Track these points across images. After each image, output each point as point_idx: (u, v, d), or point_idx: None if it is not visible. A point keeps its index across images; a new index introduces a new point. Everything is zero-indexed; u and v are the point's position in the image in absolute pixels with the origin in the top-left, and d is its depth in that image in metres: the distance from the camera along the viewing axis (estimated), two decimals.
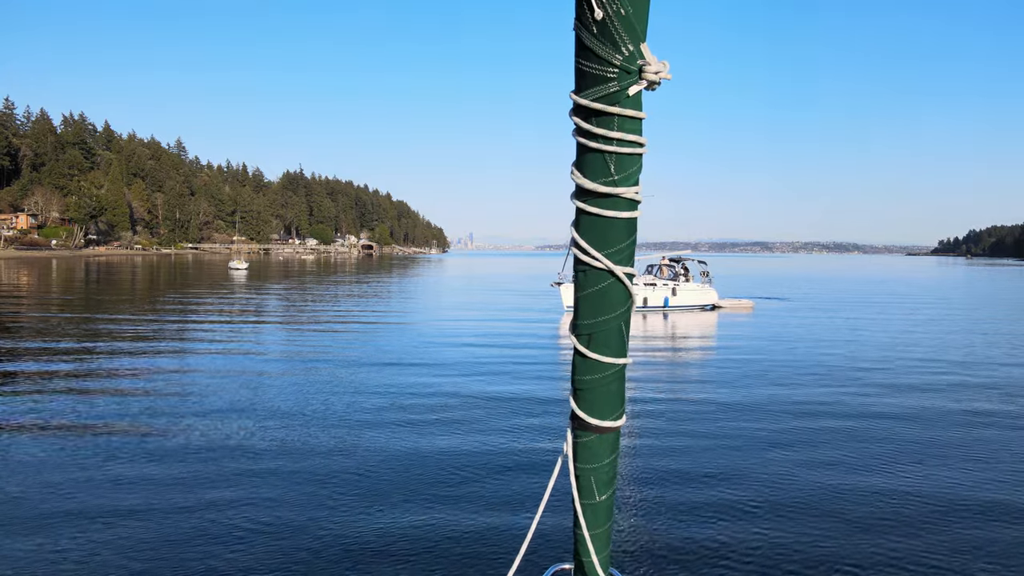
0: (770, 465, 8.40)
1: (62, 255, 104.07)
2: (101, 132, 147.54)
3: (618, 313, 1.23)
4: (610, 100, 1.11)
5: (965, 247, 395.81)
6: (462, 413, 10.81)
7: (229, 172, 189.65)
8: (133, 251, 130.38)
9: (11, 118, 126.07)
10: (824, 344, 19.86)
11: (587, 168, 1.17)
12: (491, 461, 8.38)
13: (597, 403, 1.28)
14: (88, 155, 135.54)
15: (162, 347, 17.31)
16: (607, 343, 1.25)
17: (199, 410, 10.76)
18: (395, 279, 59.61)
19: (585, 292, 1.23)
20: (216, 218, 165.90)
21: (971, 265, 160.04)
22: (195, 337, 19.61)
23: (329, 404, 11.34)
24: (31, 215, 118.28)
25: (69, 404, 10.97)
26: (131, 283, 46.38)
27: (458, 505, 6.91)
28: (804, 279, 69.44)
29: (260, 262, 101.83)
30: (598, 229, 1.19)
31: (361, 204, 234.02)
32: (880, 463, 8.56)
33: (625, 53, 1.07)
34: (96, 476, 7.56)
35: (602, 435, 1.31)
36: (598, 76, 1.10)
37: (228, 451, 8.59)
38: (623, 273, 1.20)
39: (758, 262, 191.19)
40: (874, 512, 6.94)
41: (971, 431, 10.22)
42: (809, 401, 12.15)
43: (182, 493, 7.09)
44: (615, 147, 1.13)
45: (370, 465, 8.13)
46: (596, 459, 1.32)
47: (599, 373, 1.26)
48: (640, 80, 1.10)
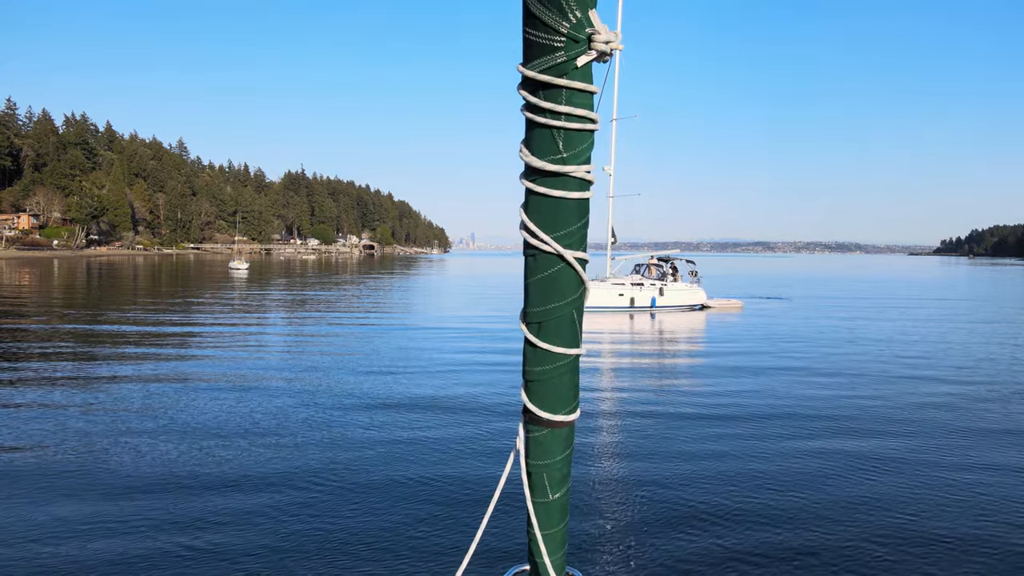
0: (748, 471, 8.40)
1: (64, 255, 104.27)
2: (103, 132, 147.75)
3: (570, 300, 1.18)
4: (557, 71, 1.05)
5: (967, 247, 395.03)
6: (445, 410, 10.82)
7: (231, 172, 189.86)
8: (134, 251, 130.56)
9: (13, 118, 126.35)
10: (810, 344, 19.88)
11: (535, 145, 1.12)
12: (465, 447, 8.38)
13: (549, 396, 1.23)
14: (90, 155, 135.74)
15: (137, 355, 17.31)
16: (558, 332, 1.19)
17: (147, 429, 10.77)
18: (396, 280, 59.66)
19: (535, 278, 1.18)
20: (217, 218, 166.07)
21: (973, 265, 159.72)
22: (169, 346, 19.62)
23: (338, 420, 11.34)
24: (33, 215, 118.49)
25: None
26: (127, 284, 46.45)
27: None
28: (801, 279, 69.39)
29: (261, 262, 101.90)
30: (547, 210, 1.13)
31: (363, 204, 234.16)
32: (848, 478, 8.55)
33: (572, 20, 1.02)
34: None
35: (555, 430, 1.25)
36: (545, 46, 1.05)
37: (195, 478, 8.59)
38: (573, 258, 1.15)
39: (760, 262, 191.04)
40: (877, 523, 6.93)
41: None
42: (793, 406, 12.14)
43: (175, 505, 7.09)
44: (564, 122, 1.08)
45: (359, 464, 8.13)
46: (548, 455, 1.27)
47: (550, 364, 1.21)
48: (589, 50, 1.05)
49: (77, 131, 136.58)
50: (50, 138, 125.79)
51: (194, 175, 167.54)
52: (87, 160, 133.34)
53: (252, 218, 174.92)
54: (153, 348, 17.21)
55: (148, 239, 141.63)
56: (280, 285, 47.20)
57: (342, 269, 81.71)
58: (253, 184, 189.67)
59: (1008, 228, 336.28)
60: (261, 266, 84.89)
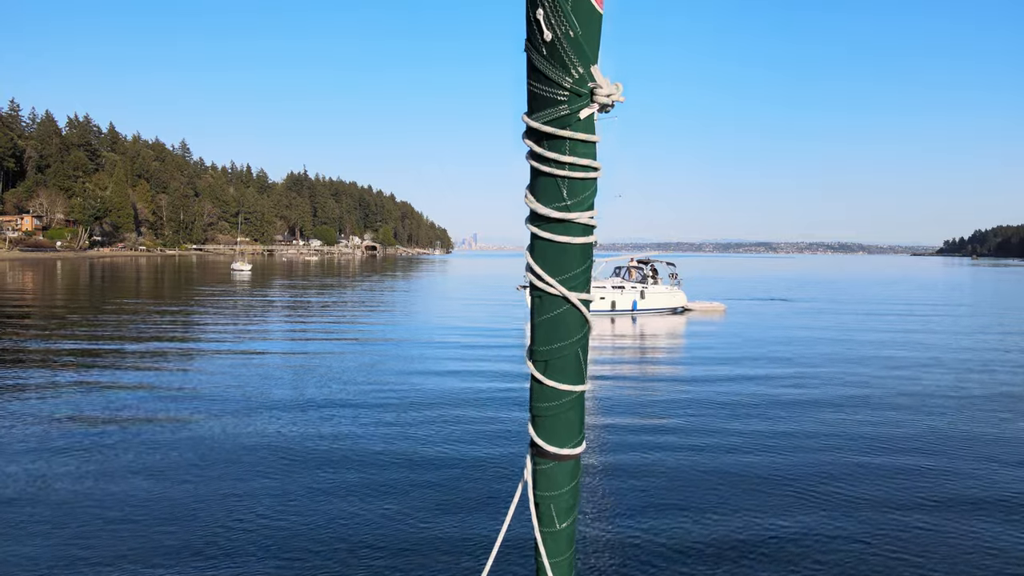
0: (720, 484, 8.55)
1: (67, 256, 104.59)
2: (106, 134, 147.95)
3: (575, 339, 1.21)
4: (561, 123, 1.09)
5: (970, 247, 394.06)
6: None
7: (233, 173, 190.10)
8: (137, 252, 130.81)
9: (16, 120, 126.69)
10: (789, 350, 19.95)
11: (540, 192, 1.15)
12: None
13: (556, 430, 1.26)
14: (93, 157, 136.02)
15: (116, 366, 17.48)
16: (564, 370, 1.22)
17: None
18: (399, 281, 59.78)
19: (541, 318, 1.21)
20: (220, 219, 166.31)
21: (976, 266, 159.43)
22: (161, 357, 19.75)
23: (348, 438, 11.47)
24: (36, 217, 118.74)
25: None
26: (125, 286, 46.65)
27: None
28: (800, 281, 69.38)
29: (263, 263, 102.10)
30: (552, 255, 1.17)
31: (365, 205, 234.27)
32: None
33: (575, 75, 1.06)
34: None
35: (561, 463, 1.29)
36: (549, 98, 1.08)
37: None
38: (578, 300, 1.18)
39: (762, 263, 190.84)
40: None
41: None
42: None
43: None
44: (567, 171, 1.11)
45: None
46: (556, 487, 1.30)
47: (557, 400, 1.24)
48: (591, 103, 1.08)
49: (80, 132, 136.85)
50: (53, 139, 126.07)
51: (197, 176, 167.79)
52: (90, 161, 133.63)
53: (254, 219, 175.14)
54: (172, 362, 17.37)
55: (151, 240, 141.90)
56: (284, 289, 47.33)
57: (345, 271, 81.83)
58: (256, 185, 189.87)
59: (1012, 228, 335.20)
60: (264, 268, 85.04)
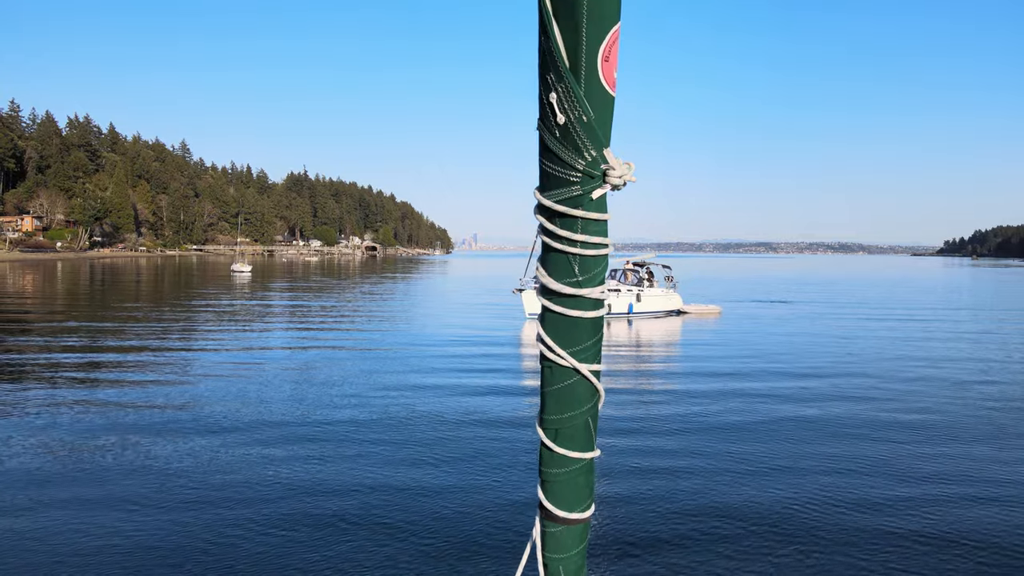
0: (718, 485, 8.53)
1: (67, 257, 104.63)
2: (106, 134, 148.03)
3: (585, 409, 1.22)
4: (573, 203, 1.10)
5: (971, 247, 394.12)
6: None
7: (233, 174, 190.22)
8: (137, 253, 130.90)
9: (16, 120, 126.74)
10: (783, 353, 19.93)
11: (552, 268, 1.16)
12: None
13: (564, 496, 1.27)
14: (93, 157, 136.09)
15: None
16: (574, 438, 1.24)
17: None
18: (399, 283, 59.79)
19: (551, 388, 1.22)
20: (220, 220, 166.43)
21: (976, 266, 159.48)
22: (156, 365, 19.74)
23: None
24: (36, 217, 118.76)
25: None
26: (124, 288, 46.62)
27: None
28: (798, 282, 69.38)
29: (263, 264, 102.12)
30: (563, 328, 1.18)
31: (365, 205, 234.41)
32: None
33: (588, 158, 1.07)
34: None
35: (570, 526, 1.29)
36: (561, 179, 1.10)
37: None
38: (589, 371, 1.19)
39: (762, 263, 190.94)
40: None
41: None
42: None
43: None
44: (579, 249, 1.12)
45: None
46: (564, 550, 1.31)
47: (566, 467, 1.25)
48: (604, 184, 1.10)
49: (80, 133, 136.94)
50: (53, 140, 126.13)
51: (197, 176, 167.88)
52: (90, 162, 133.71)
53: (255, 219, 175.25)
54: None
55: (151, 241, 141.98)
56: (285, 292, 47.32)
57: (345, 272, 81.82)
58: (256, 185, 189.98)
59: (1012, 229, 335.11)
60: (264, 268, 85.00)
